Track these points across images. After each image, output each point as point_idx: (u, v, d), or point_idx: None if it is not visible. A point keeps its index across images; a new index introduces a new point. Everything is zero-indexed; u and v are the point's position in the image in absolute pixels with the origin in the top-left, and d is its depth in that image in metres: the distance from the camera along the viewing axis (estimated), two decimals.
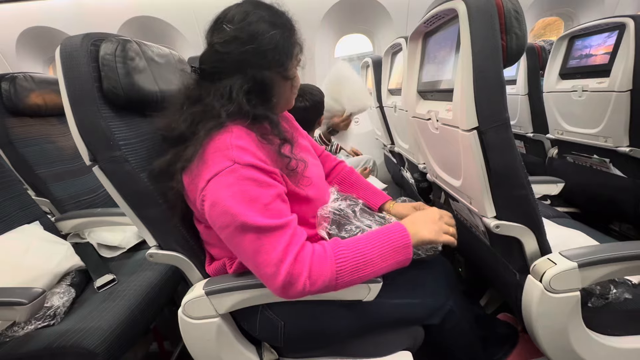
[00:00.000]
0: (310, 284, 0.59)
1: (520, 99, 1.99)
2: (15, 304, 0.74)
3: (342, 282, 0.62)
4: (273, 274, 0.58)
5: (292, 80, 0.72)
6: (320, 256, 0.61)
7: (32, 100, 1.38)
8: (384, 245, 0.65)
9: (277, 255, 0.58)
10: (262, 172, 0.61)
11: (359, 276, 0.63)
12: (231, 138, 0.61)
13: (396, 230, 0.67)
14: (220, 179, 0.58)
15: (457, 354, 0.88)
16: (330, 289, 0.62)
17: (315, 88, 1.59)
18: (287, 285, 0.58)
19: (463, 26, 0.64)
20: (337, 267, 0.61)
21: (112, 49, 0.67)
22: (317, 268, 0.60)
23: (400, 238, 0.66)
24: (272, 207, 0.60)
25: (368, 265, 0.63)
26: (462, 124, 0.69)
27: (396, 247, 0.65)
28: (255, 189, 0.59)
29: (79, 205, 1.43)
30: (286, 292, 0.59)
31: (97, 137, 0.67)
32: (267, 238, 0.58)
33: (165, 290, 1.13)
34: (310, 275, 0.59)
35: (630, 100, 1.25)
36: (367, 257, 0.63)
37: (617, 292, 0.76)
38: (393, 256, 0.65)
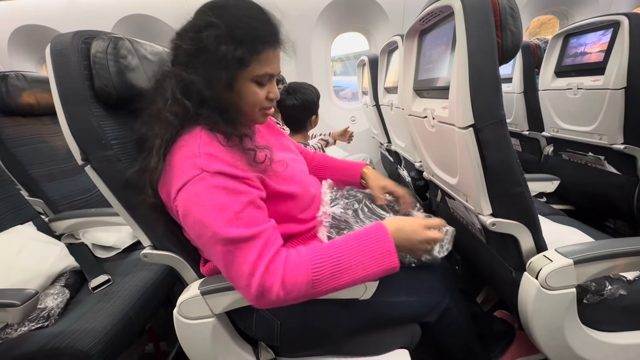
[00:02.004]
0: (285, 294, 0.57)
1: (516, 97, 2.00)
2: (7, 306, 0.74)
3: (320, 290, 0.60)
4: (246, 286, 0.57)
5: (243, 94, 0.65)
6: (295, 264, 0.59)
7: (25, 100, 1.36)
8: (365, 254, 0.62)
9: (247, 268, 0.56)
10: (232, 178, 0.59)
11: (339, 284, 0.60)
12: (199, 145, 0.59)
13: (378, 237, 0.63)
14: (189, 188, 0.57)
15: (454, 352, 0.88)
16: (310, 296, 0.60)
17: (308, 87, 1.57)
18: (259, 297, 0.57)
19: (458, 23, 0.64)
20: (314, 276, 0.58)
21: (104, 47, 0.66)
22: (290, 277, 0.58)
23: (382, 245, 0.63)
24: (243, 216, 0.58)
25: (346, 273, 0.60)
26: (458, 122, 0.69)
27: (377, 255, 0.62)
28: (225, 197, 0.57)
29: (72, 206, 1.41)
30: (261, 303, 0.58)
31: (89, 136, 0.66)
32: (238, 250, 0.57)
33: (160, 290, 1.12)
34: (283, 285, 0.57)
35: (625, 97, 1.26)
36: (345, 264, 0.60)
37: (612, 289, 0.77)
38: (374, 264, 0.62)
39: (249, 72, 0.63)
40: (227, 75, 0.61)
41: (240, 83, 0.64)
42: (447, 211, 1.12)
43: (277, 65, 0.68)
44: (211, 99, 0.62)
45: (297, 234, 0.76)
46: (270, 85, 0.69)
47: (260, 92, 0.67)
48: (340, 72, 3.79)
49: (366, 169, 0.96)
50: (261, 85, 0.67)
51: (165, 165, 0.60)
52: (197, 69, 0.62)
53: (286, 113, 1.59)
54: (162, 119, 0.62)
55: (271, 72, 0.66)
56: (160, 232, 0.71)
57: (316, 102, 1.57)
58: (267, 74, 0.65)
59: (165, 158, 0.61)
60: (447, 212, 1.12)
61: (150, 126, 0.63)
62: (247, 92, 0.65)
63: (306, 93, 1.53)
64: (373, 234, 0.64)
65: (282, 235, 0.73)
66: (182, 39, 0.63)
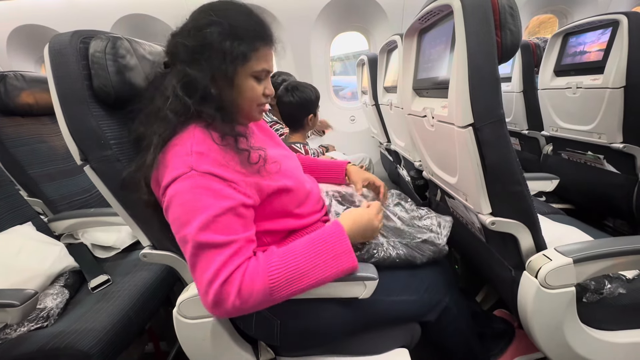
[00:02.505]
0: (241, 303, 0.57)
1: (515, 96, 2.00)
2: (6, 306, 0.74)
3: (279, 296, 0.60)
4: (203, 293, 0.58)
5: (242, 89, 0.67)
6: (252, 273, 0.59)
7: (23, 100, 1.36)
8: (321, 255, 0.63)
9: (208, 275, 0.57)
10: (219, 180, 0.59)
11: (297, 288, 0.61)
12: (192, 144, 0.60)
13: (334, 236, 0.65)
14: (176, 185, 0.58)
15: (454, 351, 0.88)
16: (268, 303, 0.61)
17: (308, 86, 1.57)
18: (215, 305, 0.57)
19: (458, 22, 0.64)
20: (270, 283, 0.59)
21: (102, 47, 0.66)
22: (247, 286, 0.58)
23: (339, 244, 0.64)
24: (220, 221, 0.58)
25: (304, 276, 0.61)
26: (458, 121, 0.69)
27: (334, 255, 0.63)
28: (207, 199, 0.58)
29: (72, 206, 1.41)
30: (216, 311, 0.59)
31: (88, 136, 0.66)
32: (203, 255, 0.57)
33: (160, 290, 1.12)
34: (240, 294, 0.57)
35: (624, 96, 1.26)
36: (301, 269, 0.61)
37: (612, 287, 0.77)
38: (332, 265, 0.63)
39: (248, 68, 0.66)
40: (231, 70, 0.64)
41: (240, 78, 0.66)
42: (447, 210, 1.12)
43: (272, 62, 0.72)
44: (213, 95, 0.64)
45: (296, 229, 0.76)
46: (266, 82, 0.72)
47: (258, 87, 0.70)
48: (340, 71, 3.78)
49: (349, 166, 1.00)
50: (259, 80, 0.69)
51: (159, 162, 0.61)
52: (201, 65, 0.63)
53: (284, 110, 1.59)
54: (161, 118, 0.62)
55: (267, 69, 0.70)
56: (156, 229, 0.70)
57: (314, 102, 1.57)
58: (264, 69, 0.69)
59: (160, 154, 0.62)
60: (447, 211, 1.12)
61: (149, 125, 0.64)
62: (247, 87, 0.68)
63: (304, 91, 1.53)
64: (328, 235, 0.65)
65: (281, 231, 0.74)
66: (184, 37, 0.64)
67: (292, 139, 1.61)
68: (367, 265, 0.72)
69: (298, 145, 1.54)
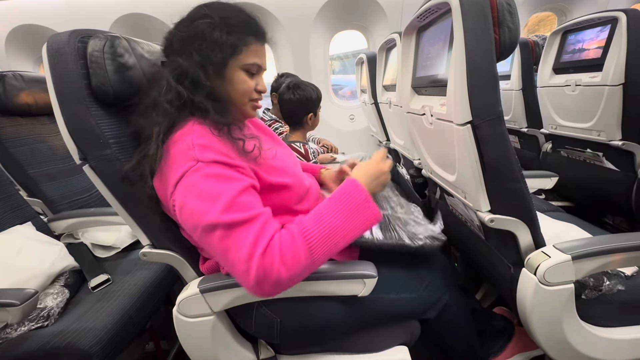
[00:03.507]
0: (286, 270, 0.56)
1: (515, 94, 2.00)
2: (7, 305, 0.74)
3: (318, 256, 0.59)
4: (245, 271, 0.55)
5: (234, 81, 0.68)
6: (288, 239, 0.58)
7: (22, 99, 1.36)
8: (345, 208, 0.63)
9: (246, 251, 0.55)
10: (227, 166, 0.60)
11: (333, 244, 0.60)
12: (193, 138, 0.61)
13: (351, 189, 0.65)
14: (186, 180, 0.58)
15: (454, 348, 0.88)
16: (310, 267, 0.59)
17: (309, 85, 1.57)
18: (260, 280, 0.55)
19: (456, 20, 0.64)
20: (308, 243, 0.58)
21: (100, 46, 0.66)
22: (288, 251, 0.57)
23: (358, 194, 0.65)
24: (238, 201, 0.58)
25: (337, 231, 0.61)
26: (456, 119, 0.69)
27: (357, 205, 0.64)
28: (221, 185, 0.58)
29: (72, 205, 1.41)
30: (262, 288, 0.56)
31: (87, 135, 0.66)
32: (234, 234, 0.56)
33: (160, 289, 1.12)
34: (283, 260, 0.56)
35: (623, 94, 1.26)
36: (332, 224, 0.61)
37: (610, 284, 0.77)
38: (357, 217, 0.63)
39: (239, 60, 0.67)
40: (220, 59, 0.65)
41: (231, 70, 0.68)
42: (446, 208, 1.12)
43: (265, 60, 0.73)
44: (204, 85, 0.65)
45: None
46: (259, 78, 0.72)
47: (250, 81, 0.70)
48: (339, 70, 3.78)
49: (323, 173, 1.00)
50: (250, 75, 0.70)
51: (162, 160, 0.61)
52: (191, 54, 0.65)
53: (284, 107, 1.59)
54: (158, 108, 0.63)
55: (259, 64, 0.71)
56: (156, 228, 0.71)
57: (315, 101, 1.57)
58: (256, 64, 0.70)
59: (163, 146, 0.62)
60: (446, 209, 1.12)
61: (147, 116, 0.64)
62: (238, 79, 0.69)
63: (305, 90, 1.53)
64: (347, 190, 0.65)
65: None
66: (177, 27, 0.67)
67: (292, 137, 1.61)
68: (366, 263, 0.72)
69: (298, 144, 1.54)
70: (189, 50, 0.65)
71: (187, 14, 0.68)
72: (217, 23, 0.65)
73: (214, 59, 0.65)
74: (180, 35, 0.66)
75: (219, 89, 0.68)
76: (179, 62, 0.65)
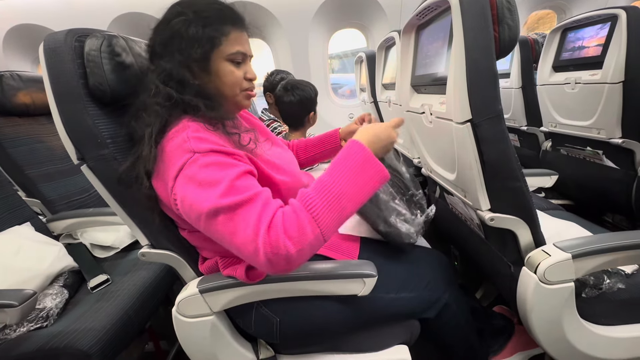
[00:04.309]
0: (293, 244, 0.54)
1: (514, 93, 2.00)
2: (5, 306, 0.74)
3: (325, 225, 0.56)
4: (254, 252, 0.54)
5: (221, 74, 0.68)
6: (290, 213, 0.57)
7: (20, 99, 1.36)
8: (348, 169, 0.61)
9: (251, 231, 0.54)
10: (223, 154, 0.60)
11: (339, 211, 0.58)
12: (188, 132, 0.60)
13: (352, 149, 0.63)
14: (184, 172, 0.58)
15: (454, 347, 0.88)
16: (319, 238, 0.56)
17: (307, 84, 1.57)
18: (271, 258, 0.54)
19: (455, 17, 0.64)
20: (312, 214, 0.56)
21: (97, 45, 0.65)
22: (291, 225, 0.55)
23: (359, 154, 0.62)
24: (238, 184, 0.57)
25: (342, 196, 0.58)
26: (456, 117, 0.68)
27: (358, 165, 0.61)
28: (219, 172, 0.57)
29: (70, 206, 1.41)
30: (275, 266, 0.54)
31: (84, 135, 0.65)
32: (237, 216, 0.55)
33: (160, 289, 1.12)
34: (288, 235, 0.54)
35: (623, 91, 1.26)
36: (336, 189, 0.58)
37: (611, 282, 0.77)
38: (361, 177, 0.61)
39: (221, 52, 0.67)
40: (201, 55, 0.65)
41: (215, 63, 0.67)
42: (446, 207, 1.11)
43: (248, 47, 0.71)
44: (192, 82, 0.65)
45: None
46: (246, 66, 0.72)
47: (237, 71, 0.69)
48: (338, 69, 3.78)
49: (341, 129, 1.05)
50: (236, 64, 0.69)
51: (158, 158, 0.61)
52: (172, 55, 0.65)
53: (284, 110, 1.59)
54: (149, 110, 0.63)
55: (243, 51, 0.69)
56: (155, 227, 0.70)
57: (314, 99, 1.57)
58: (239, 52, 0.68)
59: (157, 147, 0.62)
60: (446, 208, 1.12)
61: (139, 118, 0.64)
62: (225, 71, 0.68)
63: (304, 90, 1.53)
64: (348, 151, 0.63)
65: None
66: (155, 32, 0.67)
67: (292, 137, 1.61)
68: (365, 263, 0.72)
69: None
70: (170, 52, 0.65)
71: (162, 16, 0.68)
72: (191, 18, 0.64)
73: (195, 56, 0.64)
74: (159, 39, 0.66)
75: (207, 85, 0.67)
76: (163, 65, 0.65)
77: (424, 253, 0.91)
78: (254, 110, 2.71)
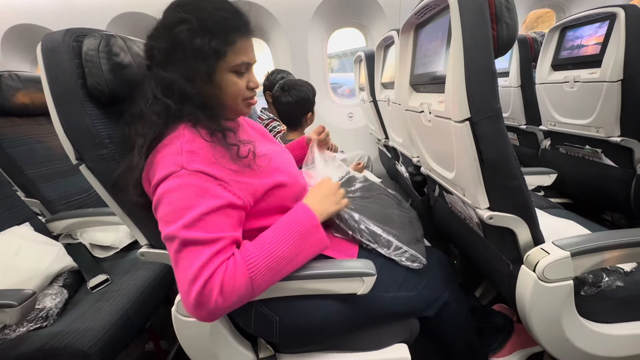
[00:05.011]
0: (224, 300, 0.55)
1: (513, 91, 2.00)
2: (5, 306, 0.73)
3: (258, 285, 0.59)
4: (186, 292, 0.55)
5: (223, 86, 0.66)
6: (233, 269, 0.57)
7: (19, 100, 1.36)
8: (293, 234, 0.62)
9: (191, 273, 0.55)
10: (210, 179, 0.59)
11: (275, 272, 0.61)
12: (182, 143, 0.59)
13: (300, 215, 0.64)
14: (167, 183, 0.57)
15: (453, 346, 0.88)
16: (248, 297, 0.59)
17: (305, 84, 1.56)
18: (197, 305, 0.55)
19: (454, 16, 0.64)
20: (250, 272, 0.57)
21: (95, 45, 0.65)
22: (229, 282, 0.56)
23: (306, 221, 0.64)
24: (207, 219, 0.57)
25: (282, 260, 0.61)
26: (455, 116, 0.69)
27: (304, 231, 0.63)
28: (196, 198, 0.57)
29: (70, 206, 1.41)
30: (198, 313, 0.56)
31: (83, 135, 0.65)
32: (187, 252, 0.56)
33: (159, 289, 1.12)
34: (222, 291, 0.55)
35: (621, 90, 1.26)
36: (279, 253, 0.60)
37: (609, 280, 0.77)
38: (304, 242, 0.63)
39: (226, 63, 0.64)
40: (206, 68, 0.62)
41: (219, 75, 0.65)
42: (445, 206, 1.12)
43: (253, 54, 0.69)
44: (193, 94, 0.63)
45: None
46: (249, 75, 0.69)
47: (240, 82, 0.67)
48: (337, 68, 3.77)
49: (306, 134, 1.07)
50: (240, 75, 0.67)
51: (149, 162, 0.61)
52: (175, 65, 0.62)
53: (282, 110, 1.58)
54: (144, 119, 0.62)
55: (248, 61, 0.67)
56: (152, 228, 0.70)
57: (312, 99, 1.56)
58: (244, 62, 0.66)
59: (147, 157, 0.61)
60: (445, 207, 1.12)
61: (133, 126, 0.63)
62: (228, 83, 0.66)
63: (302, 90, 1.52)
64: (294, 215, 0.66)
65: None
66: (155, 39, 0.64)
67: (290, 137, 1.60)
68: (365, 261, 0.72)
69: None
70: (172, 62, 0.62)
71: (162, 21, 0.64)
72: (196, 28, 0.60)
73: (200, 69, 0.62)
74: (160, 47, 0.62)
75: (209, 96, 0.65)
76: (163, 75, 0.62)
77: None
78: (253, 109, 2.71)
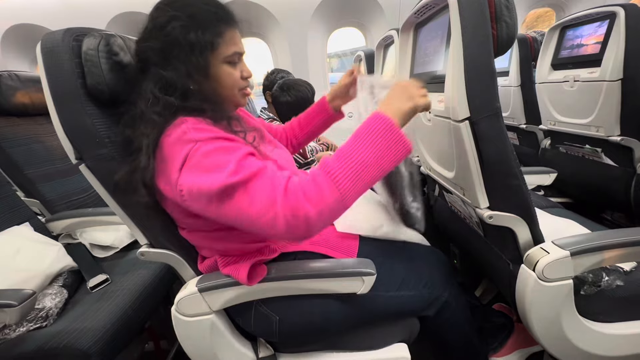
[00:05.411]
0: (313, 205, 0.52)
1: (513, 91, 2.00)
2: (5, 306, 0.73)
3: (345, 189, 0.54)
4: (273, 219, 0.52)
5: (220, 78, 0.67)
6: (308, 178, 0.55)
7: (19, 99, 1.35)
8: (367, 139, 0.57)
9: (266, 197, 0.53)
10: (226, 140, 0.59)
11: (359, 176, 0.55)
12: (186, 125, 0.59)
13: (374, 119, 0.59)
14: (190, 162, 0.57)
15: (453, 345, 0.88)
16: (339, 202, 0.54)
17: (303, 83, 1.56)
18: (291, 222, 0.52)
19: (453, 15, 0.64)
20: (331, 176, 0.54)
21: (95, 44, 0.65)
22: (309, 187, 0.54)
23: (381, 123, 0.58)
24: (245, 163, 0.56)
25: (362, 163, 0.55)
26: (454, 115, 0.69)
27: (381, 133, 0.58)
28: (225, 156, 0.56)
29: (69, 206, 1.40)
30: (294, 230, 0.53)
31: (83, 134, 0.65)
32: (252, 187, 0.54)
33: (159, 288, 1.12)
34: (307, 197, 0.52)
35: (621, 89, 1.26)
36: (356, 157, 0.56)
37: (609, 280, 0.77)
38: (383, 144, 0.57)
39: (219, 54, 0.66)
40: (203, 61, 0.63)
41: (215, 67, 0.66)
42: (445, 205, 1.12)
43: (242, 44, 0.70)
44: (193, 90, 0.63)
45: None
46: (241, 64, 0.71)
47: (235, 72, 0.69)
48: (337, 68, 3.78)
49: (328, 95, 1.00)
50: (233, 65, 0.69)
51: (158, 159, 0.60)
52: (173, 64, 0.63)
53: (281, 110, 1.59)
54: (146, 119, 0.61)
55: (239, 51, 0.69)
56: (157, 229, 0.70)
57: (310, 99, 1.57)
58: (236, 52, 0.68)
59: (155, 155, 0.60)
60: (445, 206, 1.12)
61: (135, 127, 0.62)
62: (223, 74, 0.68)
63: (300, 90, 1.52)
64: (370, 120, 0.60)
65: None
66: (148, 39, 0.64)
67: None
68: (365, 261, 0.72)
69: None
70: (169, 60, 0.62)
71: (152, 22, 0.64)
72: (188, 23, 0.61)
73: (198, 63, 0.63)
74: (155, 47, 0.63)
75: (207, 90, 0.66)
76: (161, 74, 0.62)
77: (423, 251, 0.91)
78: (253, 109, 2.71)
